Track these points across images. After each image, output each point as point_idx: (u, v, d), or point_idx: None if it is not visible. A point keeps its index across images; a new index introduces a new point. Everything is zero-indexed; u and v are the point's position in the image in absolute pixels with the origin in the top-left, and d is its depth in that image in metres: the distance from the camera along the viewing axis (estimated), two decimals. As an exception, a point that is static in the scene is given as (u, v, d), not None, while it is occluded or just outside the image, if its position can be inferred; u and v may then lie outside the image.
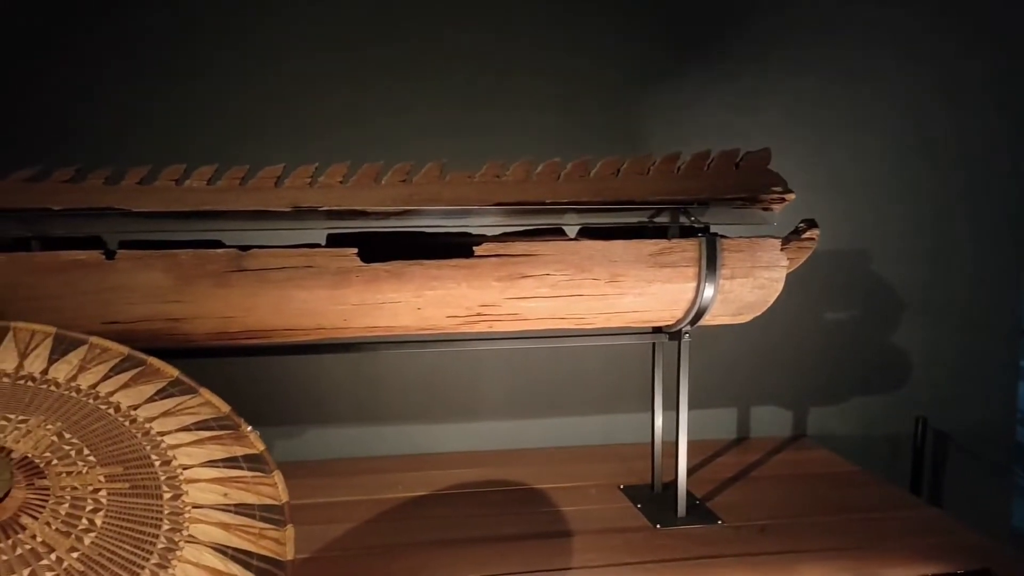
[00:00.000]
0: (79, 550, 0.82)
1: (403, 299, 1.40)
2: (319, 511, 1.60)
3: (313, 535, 1.47)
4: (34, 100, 1.78)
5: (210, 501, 0.93)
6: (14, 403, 0.93)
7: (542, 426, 2.05)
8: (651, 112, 1.99)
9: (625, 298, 1.48)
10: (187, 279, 1.31)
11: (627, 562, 1.40)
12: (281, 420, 1.92)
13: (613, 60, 1.97)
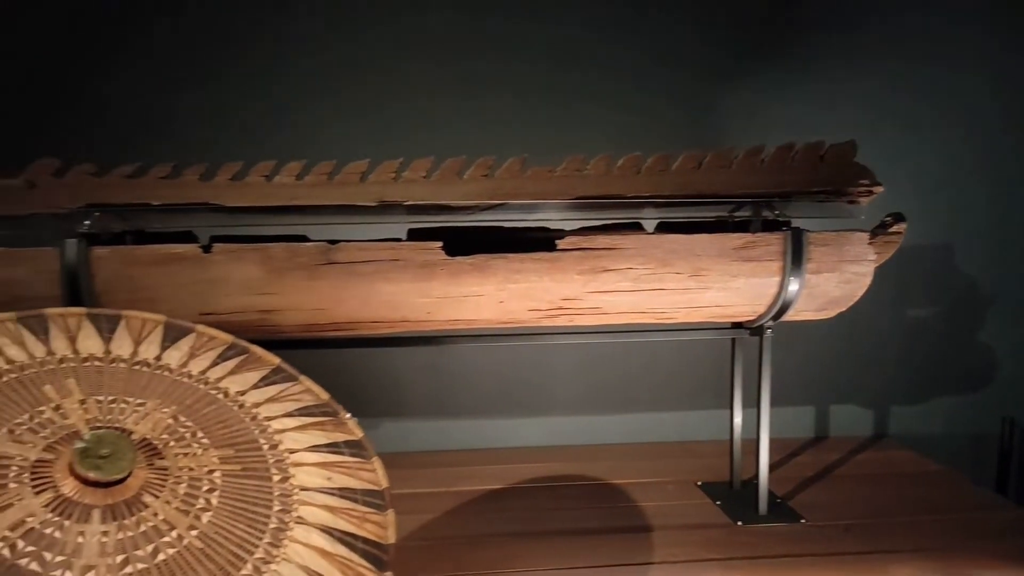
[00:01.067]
0: (197, 528, 0.85)
1: (486, 292, 1.42)
2: (400, 501, 1.60)
3: (397, 524, 1.49)
4: (124, 97, 1.84)
5: (316, 484, 0.95)
6: (132, 387, 0.97)
7: (617, 422, 2.05)
8: (727, 107, 1.98)
9: (708, 292, 1.47)
10: (279, 272, 1.35)
11: (710, 558, 1.39)
12: (359, 412, 1.94)
13: (688, 54, 1.95)
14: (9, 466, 0.82)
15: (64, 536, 0.78)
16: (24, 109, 1.79)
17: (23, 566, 0.75)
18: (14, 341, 0.96)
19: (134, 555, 0.80)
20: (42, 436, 0.86)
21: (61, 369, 0.95)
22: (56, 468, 0.83)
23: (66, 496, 0.81)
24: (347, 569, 0.89)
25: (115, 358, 1.00)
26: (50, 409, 0.89)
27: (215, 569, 0.82)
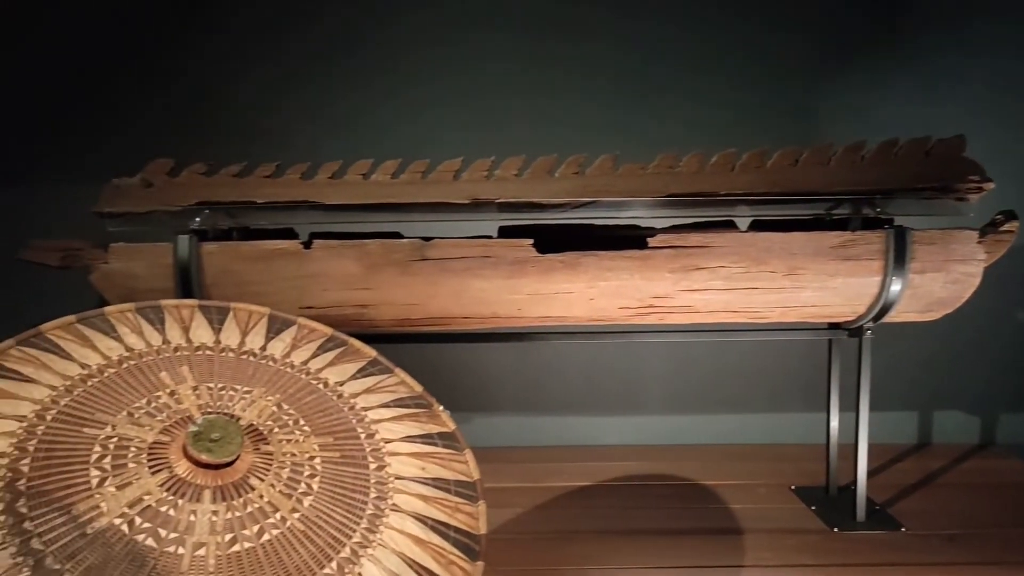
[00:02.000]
0: (299, 511, 0.89)
1: (576, 290, 1.42)
2: (489, 495, 1.62)
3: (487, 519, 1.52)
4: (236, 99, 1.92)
5: (410, 474, 0.98)
6: (239, 375, 1.02)
7: (706, 422, 2.02)
8: (825, 104, 1.92)
9: (804, 292, 1.44)
10: (375, 268, 1.39)
11: (805, 564, 1.36)
12: (450, 407, 1.98)
13: (786, 50, 1.91)
14: (128, 447, 0.87)
15: (177, 514, 0.83)
16: (142, 111, 1.89)
17: (140, 541, 0.80)
18: (133, 330, 1.02)
19: (241, 534, 0.84)
20: (158, 420, 0.91)
21: (176, 357, 1.01)
22: (171, 450, 0.88)
23: (180, 476, 0.86)
24: (440, 557, 0.91)
25: (224, 347, 1.06)
26: (166, 394, 0.95)
27: (315, 551, 0.86)
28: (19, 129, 1.89)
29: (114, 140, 1.86)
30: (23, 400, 0.88)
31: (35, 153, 1.89)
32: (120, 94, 1.89)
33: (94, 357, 0.96)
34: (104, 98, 1.89)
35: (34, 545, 0.76)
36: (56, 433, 0.86)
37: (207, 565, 0.80)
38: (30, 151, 1.89)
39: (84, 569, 0.76)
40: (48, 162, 1.89)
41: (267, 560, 0.83)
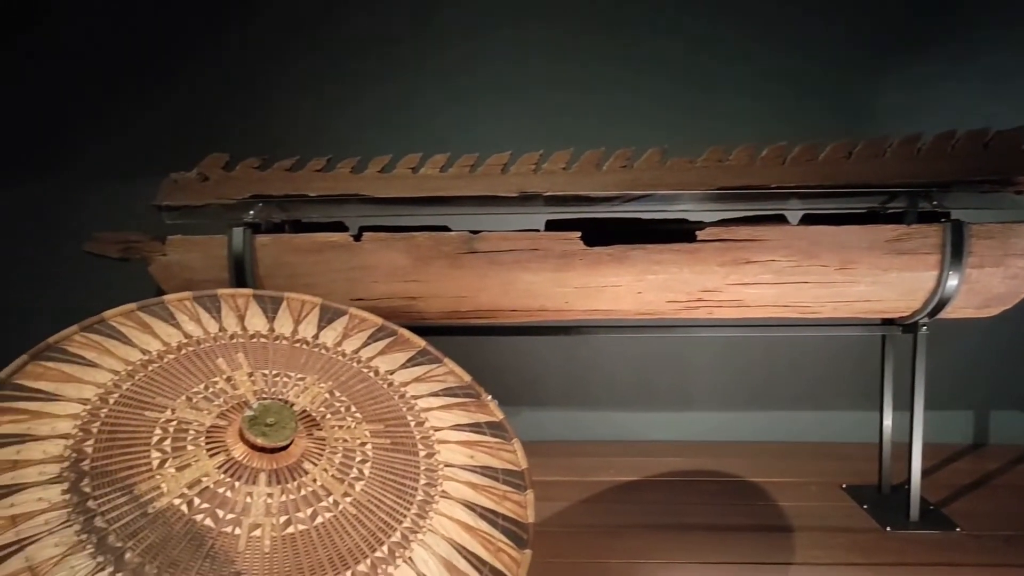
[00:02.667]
0: (351, 495, 0.90)
1: (624, 283, 1.42)
2: (537, 488, 1.63)
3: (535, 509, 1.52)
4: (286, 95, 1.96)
5: (459, 461, 0.99)
6: (293, 363, 1.04)
7: (755, 419, 1.99)
8: (880, 97, 1.88)
9: (856, 286, 1.41)
10: (424, 260, 1.40)
11: (856, 563, 1.34)
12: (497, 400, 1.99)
13: (840, 42, 1.88)
14: (187, 430, 0.90)
15: (234, 496, 0.85)
16: (197, 107, 1.94)
17: (199, 521, 0.82)
18: (191, 318, 1.05)
19: (295, 516, 0.86)
20: (216, 404, 0.93)
21: (231, 344, 1.03)
22: (228, 433, 0.90)
23: (236, 459, 0.88)
24: (489, 544, 0.92)
25: (278, 335, 1.08)
26: (222, 380, 0.97)
27: (367, 535, 0.87)
28: (83, 128, 1.95)
29: (171, 136, 1.90)
30: (87, 384, 0.91)
31: (96, 150, 1.95)
32: (176, 92, 1.94)
33: (154, 343, 0.99)
34: (159, 96, 1.94)
35: (97, 523, 0.79)
36: (119, 416, 0.89)
37: (263, 546, 0.82)
38: (92, 149, 1.95)
39: (145, 547, 0.79)
40: (109, 158, 1.94)
41: (320, 542, 0.85)
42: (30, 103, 1.95)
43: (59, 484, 0.81)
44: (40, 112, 1.95)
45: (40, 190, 1.96)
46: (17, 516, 0.78)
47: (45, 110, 1.95)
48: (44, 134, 1.95)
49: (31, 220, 1.97)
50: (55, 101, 1.95)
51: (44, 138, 1.95)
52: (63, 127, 1.95)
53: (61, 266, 1.90)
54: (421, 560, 0.87)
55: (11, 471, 0.81)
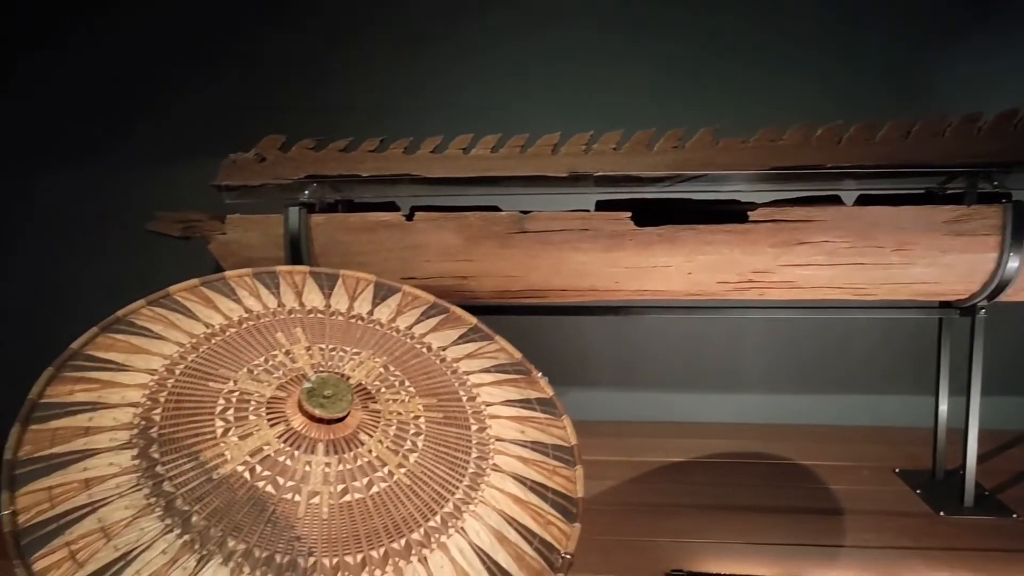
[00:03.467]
0: (405, 467, 0.93)
1: (674, 263, 1.42)
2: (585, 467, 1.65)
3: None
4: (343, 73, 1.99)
5: (510, 436, 1.01)
6: (348, 337, 1.07)
7: (806, 402, 1.98)
8: (938, 74, 1.84)
9: (913, 268, 1.39)
10: (475, 240, 1.42)
11: (907, 546, 1.33)
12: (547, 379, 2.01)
13: (902, 13, 1.83)
14: (249, 401, 0.93)
15: (294, 464, 0.88)
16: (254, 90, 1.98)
17: (260, 488, 0.86)
18: (251, 293, 1.08)
19: (352, 485, 0.88)
20: (275, 376, 0.97)
21: (290, 319, 1.06)
22: (287, 405, 0.93)
23: (295, 430, 0.91)
24: (538, 517, 0.93)
25: (334, 311, 1.11)
26: (281, 353, 1.00)
27: (420, 505, 0.90)
28: (149, 113, 2.00)
29: (229, 119, 1.94)
30: (154, 355, 0.95)
31: (159, 133, 2.01)
32: (233, 75, 1.98)
33: (217, 318, 1.02)
34: (219, 79, 1.98)
35: (165, 488, 0.83)
36: (184, 386, 0.92)
37: (321, 512, 0.85)
38: (155, 132, 2.01)
39: (211, 511, 0.82)
40: (169, 141, 2.00)
41: (376, 511, 0.87)
42: (91, 86, 2.01)
43: (129, 450, 0.85)
44: (102, 95, 2.01)
45: (99, 171, 2.02)
46: (90, 480, 0.82)
47: (106, 93, 2.01)
48: (105, 117, 2.01)
49: (92, 201, 2.04)
50: (115, 84, 2.00)
51: (105, 121, 2.01)
52: (124, 110, 2.01)
53: (121, 244, 1.97)
54: (473, 530, 0.89)
55: (84, 437, 0.85)
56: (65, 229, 2.04)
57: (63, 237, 2.05)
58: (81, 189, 2.02)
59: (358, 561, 0.83)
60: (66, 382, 0.89)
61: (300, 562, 0.81)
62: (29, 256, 2.06)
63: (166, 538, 0.79)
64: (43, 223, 2.04)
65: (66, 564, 0.76)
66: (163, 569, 0.77)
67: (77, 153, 2.02)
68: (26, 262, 2.05)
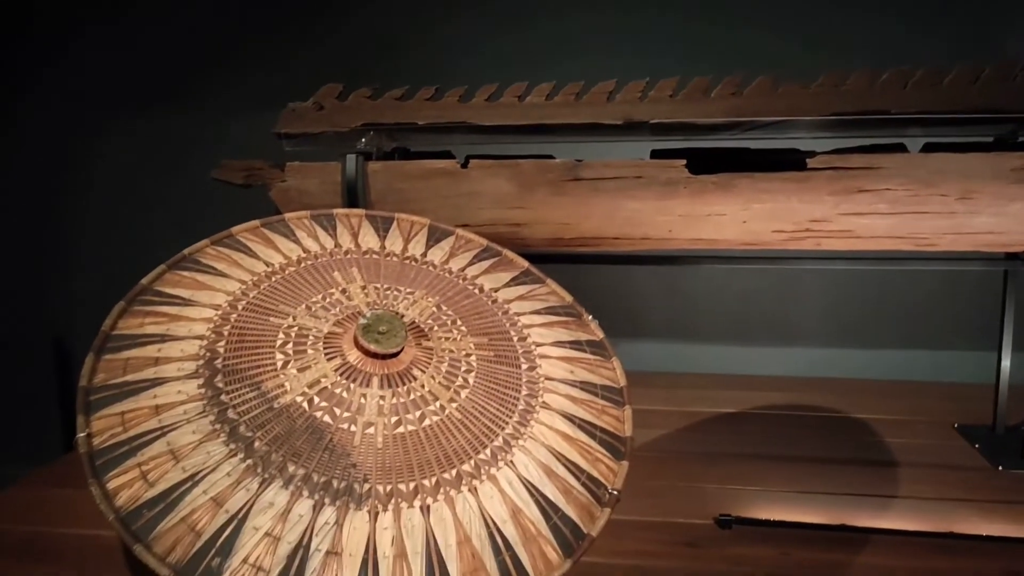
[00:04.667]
0: (457, 402, 0.96)
1: (729, 212, 1.40)
2: (636, 416, 1.65)
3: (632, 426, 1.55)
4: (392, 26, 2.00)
5: (559, 375, 1.03)
6: (402, 277, 1.09)
7: (862, 356, 1.94)
8: (1005, 18, 1.76)
9: (978, 218, 1.35)
10: (528, 187, 1.42)
11: (963, 498, 1.31)
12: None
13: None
14: (307, 336, 0.96)
15: (349, 396, 0.92)
16: (314, 39, 2.01)
17: (318, 418, 0.89)
18: (309, 235, 1.12)
19: (405, 418, 0.92)
20: (332, 313, 1.00)
21: (346, 259, 1.09)
22: (343, 340, 0.97)
23: (351, 364, 0.94)
24: (587, 454, 0.95)
25: (389, 252, 1.13)
26: (338, 291, 1.04)
27: (471, 438, 0.92)
28: (217, 63, 2.05)
29: (290, 69, 1.98)
30: (218, 292, 0.99)
31: (223, 83, 2.06)
32: (294, 26, 2.01)
33: (276, 257, 1.06)
34: (281, 29, 2.02)
35: (229, 415, 0.87)
36: (246, 321, 0.96)
37: (375, 442, 0.88)
38: (220, 81, 2.05)
39: (272, 437, 0.86)
40: (235, 91, 2.04)
41: (428, 442, 0.90)
42: (161, 38, 2.06)
43: (195, 379, 0.89)
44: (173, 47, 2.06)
45: (168, 121, 2.08)
46: (160, 406, 0.86)
47: (176, 45, 2.06)
48: (174, 68, 2.07)
49: (161, 149, 2.10)
50: (191, 34, 2.05)
51: (175, 72, 2.07)
52: (193, 61, 2.06)
53: (190, 191, 2.03)
54: (522, 464, 0.91)
55: (153, 367, 0.89)
56: (135, 175, 2.12)
57: (133, 182, 2.12)
58: (151, 137, 2.09)
59: (411, 489, 0.86)
60: (136, 315, 0.94)
61: (356, 488, 0.84)
62: (100, 200, 2.14)
63: (230, 461, 0.83)
64: (114, 169, 2.12)
65: (137, 483, 0.81)
66: (228, 490, 0.81)
67: (148, 103, 2.08)
68: (97, 206, 2.14)
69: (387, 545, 0.82)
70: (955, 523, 1.22)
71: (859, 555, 1.15)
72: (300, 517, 0.81)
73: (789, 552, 1.15)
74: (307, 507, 0.82)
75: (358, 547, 0.81)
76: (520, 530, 0.86)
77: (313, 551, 0.80)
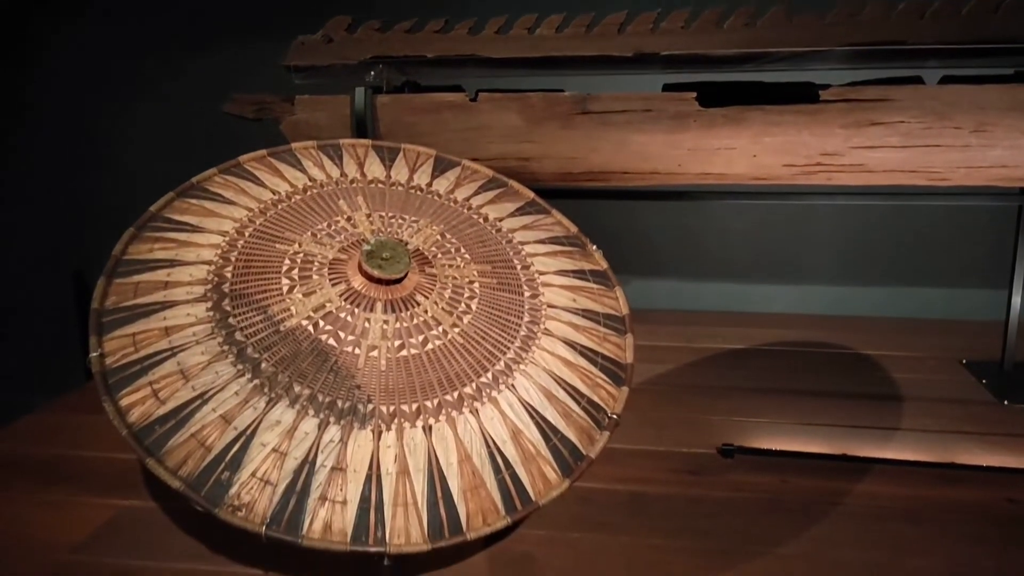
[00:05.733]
0: (459, 327, 0.97)
1: (739, 145, 1.39)
2: (643, 352, 1.68)
3: (638, 370, 1.57)
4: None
5: (561, 303, 1.04)
6: (407, 206, 1.10)
7: (873, 294, 1.94)
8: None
9: (992, 151, 1.33)
10: (537, 120, 1.42)
11: (967, 431, 1.32)
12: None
13: None
14: (312, 262, 0.98)
15: (354, 320, 0.93)
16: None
17: (323, 341, 0.91)
18: (315, 164, 1.12)
19: (408, 342, 0.93)
20: (337, 240, 1.01)
21: (351, 188, 1.10)
22: (348, 266, 0.98)
23: (356, 289, 0.96)
24: (587, 379, 0.97)
25: (394, 182, 1.14)
26: (343, 219, 1.05)
27: (473, 362, 0.94)
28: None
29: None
30: (225, 219, 1.00)
31: (232, 14, 2.04)
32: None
33: (283, 185, 1.07)
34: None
35: (237, 337, 0.89)
36: (253, 247, 0.98)
37: (379, 364, 0.91)
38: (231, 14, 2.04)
39: (278, 359, 0.88)
40: (244, 24, 2.03)
41: (431, 365, 0.92)
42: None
43: (204, 303, 0.91)
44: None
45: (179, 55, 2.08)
46: (169, 328, 0.89)
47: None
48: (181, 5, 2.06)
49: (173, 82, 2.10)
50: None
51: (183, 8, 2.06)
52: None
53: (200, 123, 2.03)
54: (523, 388, 0.93)
55: (163, 290, 0.92)
56: (146, 108, 2.12)
57: (143, 114, 2.13)
58: (164, 71, 2.09)
59: (413, 410, 0.88)
60: (146, 241, 0.96)
61: (360, 408, 0.87)
62: (111, 130, 2.15)
63: (238, 381, 0.86)
64: (127, 102, 2.13)
65: (149, 400, 0.84)
66: (236, 408, 0.84)
67: (160, 39, 2.08)
68: (109, 136, 2.15)
69: (390, 462, 0.84)
70: (957, 454, 1.24)
71: (859, 483, 1.17)
72: (306, 435, 0.84)
73: (789, 480, 1.17)
74: (313, 425, 0.85)
75: (362, 464, 0.83)
76: (520, 450, 0.89)
77: (319, 467, 0.82)
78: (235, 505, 0.79)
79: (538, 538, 1.04)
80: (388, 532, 0.80)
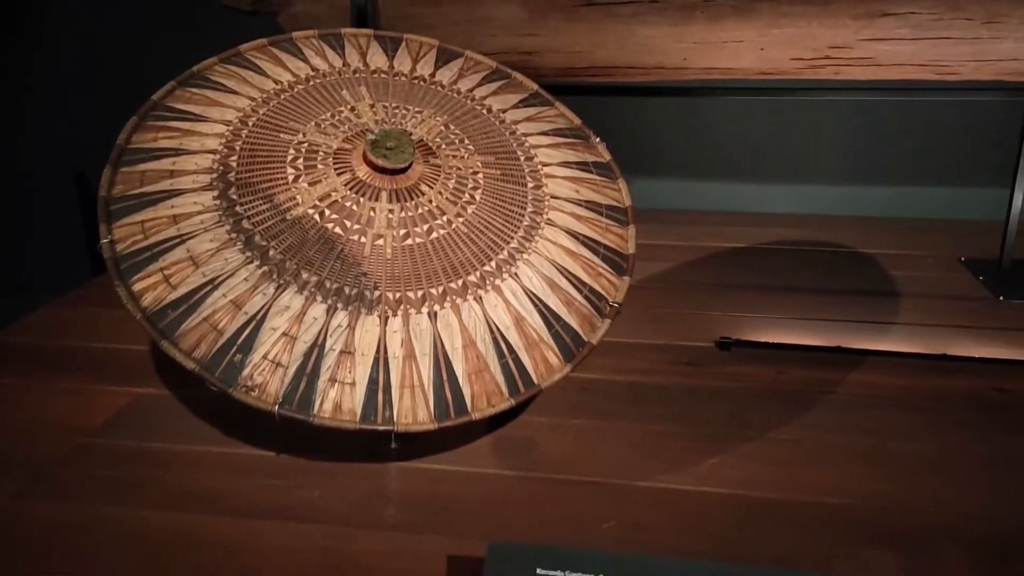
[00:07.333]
0: (463, 216, 0.98)
1: (746, 38, 1.37)
2: (644, 250, 1.68)
3: (640, 268, 1.58)
4: None
5: (564, 194, 1.05)
6: (411, 97, 1.10)
7: (879, 193, 1.93)
8: None
9: (1003, 44, 1.31)
10: (540, 13, 1.39)
11: (962, 325, 1.34)
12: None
13: None
14: (317, 152, 0.98)
15: (359, 210, 0.94)
16: None
17: (329, 229, 0.93)
18: (317, 53, 1.11)
19: (413, 231, 0.95)
20: (341, 130, 1.01)
21: (354, 78, 1.10)
22: (352, 156, 0.98)
23: (360, 179, 0.97)
24: (589, 269, 0.99)
25: (397, 72, 1.13)
26: (347, 109, 1.04)
27: (477, 251, 0.96)
28: None
29: None
30: (228, 108, 1.00)
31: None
32: None
33: (285, 75, 1.06)
34: None
35: (244, 225, 0.90)
36: (257, 136, 0.98)
37: (385, 253, 0.92)
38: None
39: (285, 247, 0.90)
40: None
41: (435, 254, 0.94)
42: None
43: (210, 191, 0.92)
44: None
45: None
46: (177, 216, 0.90)
47: None
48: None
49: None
50: None
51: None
52: None
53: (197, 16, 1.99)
54: (526, 276, 0.95)
55: (169, 179, 0.92)
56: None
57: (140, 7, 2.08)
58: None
59: (418, 296, 0.90)
60: (150, 130, 0.96)
61: (366, 294, 0.89)
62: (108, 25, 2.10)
63: (247, 268, 0.88)
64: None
65: (161, 286, 0.86)
66: (246, 294, 0.86)
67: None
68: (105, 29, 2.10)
69: (397, 346, 0.87)
70: (950, 346, 1.26)
71: (852, 374, 1.19)
72: (315, 320, 0.86)
73: (784, 371, 1.20)
74: (321, 311, 0.87)
75: (370, 348, 0.86)
76: (523, 336, 0.91)
77: (328, 350, 0.85)
78: (248, 385, 0.82)
79: (540, 424, 1.07)
80: (396, 412, 0.84)
